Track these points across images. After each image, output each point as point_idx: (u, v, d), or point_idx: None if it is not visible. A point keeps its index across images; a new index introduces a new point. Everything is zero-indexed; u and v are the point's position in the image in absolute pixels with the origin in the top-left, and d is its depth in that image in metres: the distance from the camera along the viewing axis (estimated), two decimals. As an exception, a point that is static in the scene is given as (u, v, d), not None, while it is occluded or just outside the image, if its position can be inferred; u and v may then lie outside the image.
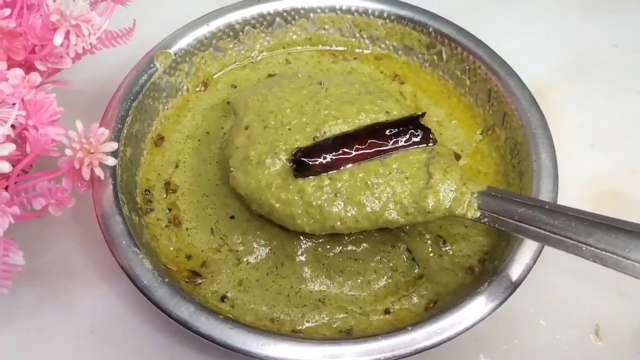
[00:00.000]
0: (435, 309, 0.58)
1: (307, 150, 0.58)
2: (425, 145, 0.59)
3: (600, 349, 0.61)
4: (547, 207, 0.51)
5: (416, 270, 0.61)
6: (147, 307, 0.59)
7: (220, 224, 0.64)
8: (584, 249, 0.48)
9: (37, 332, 0.60)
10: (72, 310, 0.62)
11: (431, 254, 0.62)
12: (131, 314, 0.61)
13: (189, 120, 0.71)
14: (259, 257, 0.62)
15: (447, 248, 0.62)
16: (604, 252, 0.47)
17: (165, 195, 0.65)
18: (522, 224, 0.52)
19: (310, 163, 0.57)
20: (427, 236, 0.63)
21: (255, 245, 0.62)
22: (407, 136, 0.59)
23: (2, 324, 0.60)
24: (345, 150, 0.58)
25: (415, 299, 0.60)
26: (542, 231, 0.50)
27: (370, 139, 0.59)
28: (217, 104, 0.73)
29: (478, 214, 0.55)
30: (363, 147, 0.58)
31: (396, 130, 0.59)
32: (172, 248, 0.62)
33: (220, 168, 0.67)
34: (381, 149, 0.58)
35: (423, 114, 0.61)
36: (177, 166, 0.68)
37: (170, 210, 0.65)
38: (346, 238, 0.62)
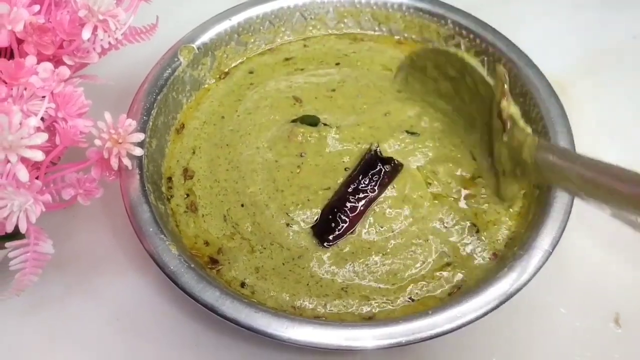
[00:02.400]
0: (458, 294, 0.58)
1: (321, 226, 0.61)
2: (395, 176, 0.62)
3: (620, 337, 0.61)
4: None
5: (445, 260, 0.61)
6: (172, 294, 0.61)
7: (232, 211, 0.64)
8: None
9: (66, 319, 0.62)
10: (99, 297, 0.63)
11: (461, 244, 0.62)
12: (156, 301, 0.62)
13: (207, 107, 0.72)
14: (271, 247, 0.62)
15: (478, 236, 0.62)
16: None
17: (183, 182, 0.66)
18: None
19: (332, 238, 0.60)
20: (462, 224, 0.63)
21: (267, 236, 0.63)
22: (380, 176, 0.62)
23: (32, 311, 0.62)
24: (351, 207, 0.61)
25: (440, 285, 0.60)
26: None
27: (353, 195, 0.61)
28: (234, 90, 0.74)
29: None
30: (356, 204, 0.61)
31: (368, 178, 0.61)
32: (191, 234, 0.63)
33: (229, 151, 0.68)
34: (370, 197, 0.61)
35: (377, 146, 0.63)
36: (194, 152, 0.68)
37: (187, 195, 0.65)
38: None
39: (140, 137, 0.53)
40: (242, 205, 0.64)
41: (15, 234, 0.47)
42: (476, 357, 0.60)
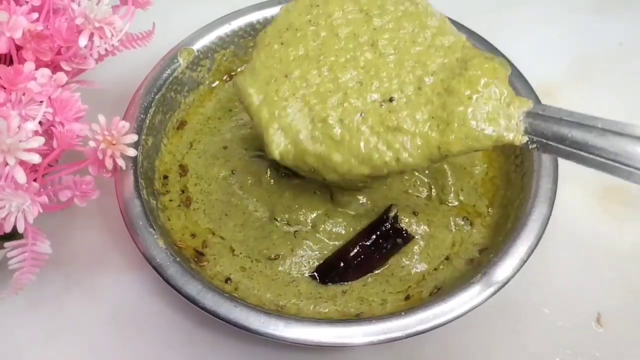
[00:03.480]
0: (437, 295, 0.59)
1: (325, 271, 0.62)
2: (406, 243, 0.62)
3: (602, 336, 0.62)
4: (600, 125, 0.47)
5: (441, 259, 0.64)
6: (166, 293, 0.63)
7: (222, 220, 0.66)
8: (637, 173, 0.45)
9: (63, 317, 0.63)
10: (96, 296, 0.64)
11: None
12: (152, 299, 0.64)
13: (214, 104, 0.74)
14: (254, 256, 0.64)
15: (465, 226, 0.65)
16: None
17: (179, 179, 0.68)
18: (574, 151, 0.48)
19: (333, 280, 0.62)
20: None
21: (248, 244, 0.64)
22: (389, 248, 0.62)
23: (29, 310, 0.63)
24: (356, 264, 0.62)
25: (427, 284, 0.62)
26: (597, 158, 0.47)
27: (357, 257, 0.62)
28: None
29: (525, 139, 0.50)
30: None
31: (377, 245, 0.62)
32: (180, 226, 0.64)
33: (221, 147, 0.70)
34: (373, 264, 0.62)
35: (396, 212, 0.64)
36: (191, 146, 0.71)
37: (183, 192, 0.67)
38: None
39: (133, 138, 0.53)
40: (226, 215, 0.66)
41: (14, 234, 0.48)
42: (461, 355, 0.61)
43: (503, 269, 0.56)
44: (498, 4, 0.91)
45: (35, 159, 0.46)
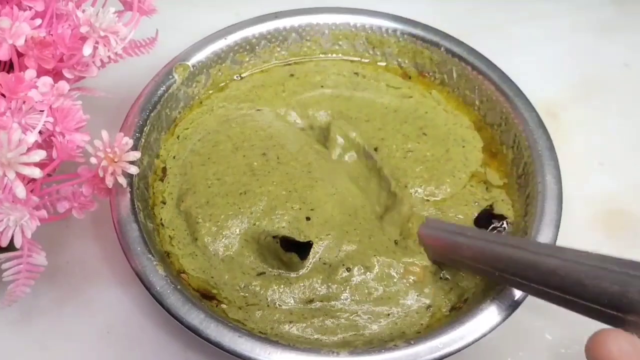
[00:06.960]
0: (465, 307, 0.58)
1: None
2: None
3: (604, 364, 0.61)
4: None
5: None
6: (161, 311, 0.59)
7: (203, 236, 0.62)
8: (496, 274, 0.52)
9: (56, 330, 0.61)
10: (91, 310, 0.62)
11: None
12: (147, 315, 0.62)
13: (212, 100, 0.73)
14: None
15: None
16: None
17: (161, 187, 0.66)
18: None
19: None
20: None
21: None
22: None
23: (23, 322, 0.61)
24: None
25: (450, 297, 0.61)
26: None
27: None
28: (250, 88, 0.75)
29: None
30: None
31: None
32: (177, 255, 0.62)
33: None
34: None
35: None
36: (178, 138, 0.69)
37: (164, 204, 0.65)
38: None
39: (136, 155, 0.53)
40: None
41: (9, 246, 0.47)
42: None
43: (512, 295, 0.55)
44: (502, 22, 0.91)
45: (36, 173, 0.45)
